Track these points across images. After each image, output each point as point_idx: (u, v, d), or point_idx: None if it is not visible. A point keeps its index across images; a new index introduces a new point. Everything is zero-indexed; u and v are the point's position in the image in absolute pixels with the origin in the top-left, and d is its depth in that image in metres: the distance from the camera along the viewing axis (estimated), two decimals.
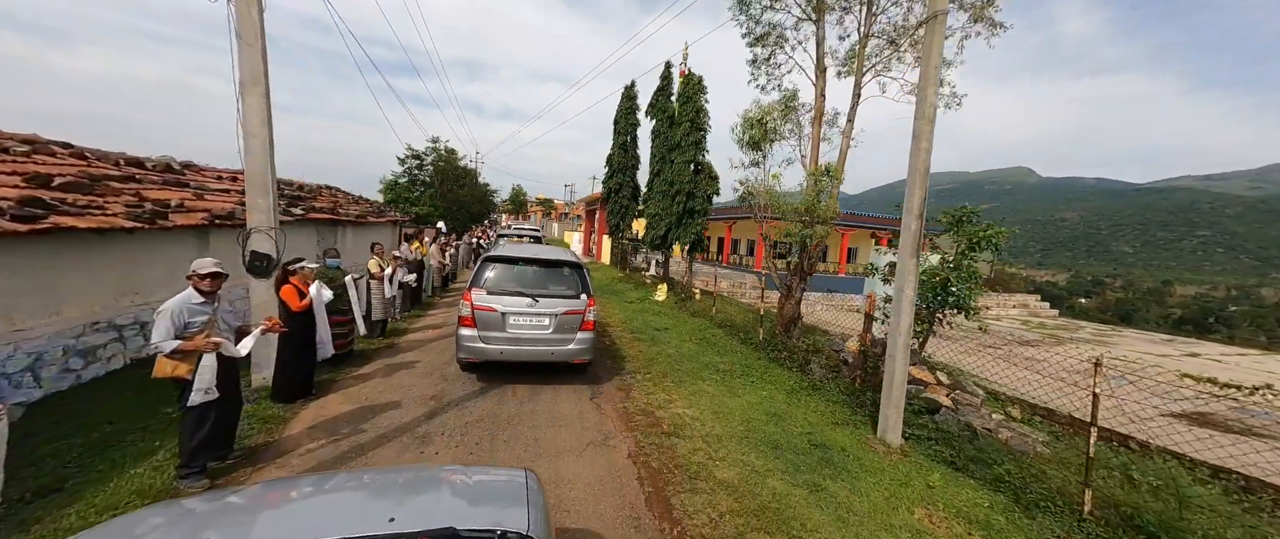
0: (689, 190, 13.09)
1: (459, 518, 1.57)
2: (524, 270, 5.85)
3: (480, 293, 5.53)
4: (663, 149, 14.94)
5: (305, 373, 4.95)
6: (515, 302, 5.55)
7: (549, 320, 5.62)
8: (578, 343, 5.74)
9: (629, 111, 19.95)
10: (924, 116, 4.65)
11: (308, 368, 4.98)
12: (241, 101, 4.71)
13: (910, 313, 4.89)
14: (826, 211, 7.74)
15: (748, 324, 10.82)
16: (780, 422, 5.39)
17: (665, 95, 15.41)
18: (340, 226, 10.55)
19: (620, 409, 5.37)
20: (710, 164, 13.20)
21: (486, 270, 5.73)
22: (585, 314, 5.74)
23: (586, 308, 5.76)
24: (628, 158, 20.19)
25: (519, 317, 5.54)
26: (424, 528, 1.46)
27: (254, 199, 4.86)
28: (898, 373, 4.88)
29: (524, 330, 5.56)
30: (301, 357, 4.85)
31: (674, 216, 13.48)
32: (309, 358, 4.94)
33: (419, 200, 29.28)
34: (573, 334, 5.72)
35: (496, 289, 5.59)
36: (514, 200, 75.80)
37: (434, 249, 10.80)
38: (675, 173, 13.52)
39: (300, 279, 4.85)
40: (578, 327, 5.73)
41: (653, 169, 15.51)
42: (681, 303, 12.90)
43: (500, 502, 1.79)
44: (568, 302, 5.73)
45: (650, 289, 15.11)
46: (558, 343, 5.67)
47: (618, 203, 20.16)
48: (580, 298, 5.80)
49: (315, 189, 11.80)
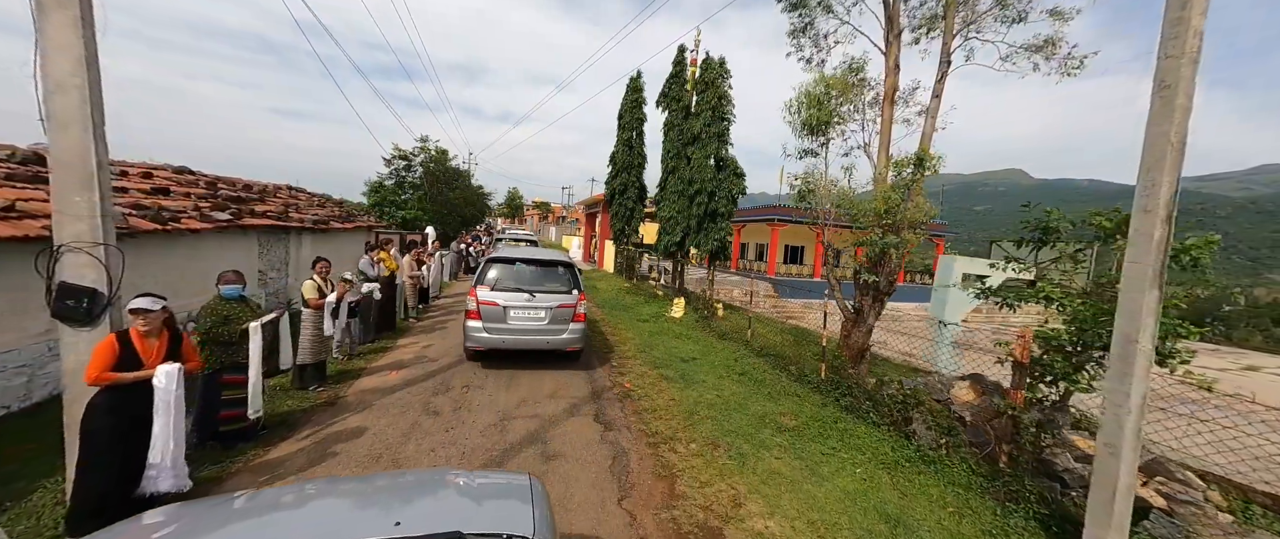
0: (711, 189, 11.23)
1: (465, 522, 1.54)
2: (522, 269, 6.53)
3: (485, 290, 6.21)
4: (677, 144, 13.08)
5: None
6: (515, 297, 6.23)
7: (545, 313, 6.31)
8: (570, 333, 6.44)
9: (635, 105, 18.10)
10: (1182, 55, 2.80)
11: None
12: (39, 31, 2.80)
13: (1145, 375, 3.02)
14: (916, 213, 5.89)
15: (786, 348, 8.95)
16: (909, 536, 3.51)
17: (679, 83, 13.56)
18: (291, 235, 8.63)
19: (669, 528, 3.45)
20: (734, 159, 11.35)
21: (490, 270, 6.42)
22: (577, 307, 6.47)
23: (577, 302, 6.49)
24: (633, 156, 18.32)
25: (519, 310, 6.22)
26: (430, 532, 1.45)
27: (65, 196, 2.93)
28: (1122, 478, 3.00)
29: (523, 322, 6.24)
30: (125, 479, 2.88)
31: (693, 219, 11.60)
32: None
33: (406, 204, 27.26)
34: (566, 325, 6.41)
35: (499, 286, 6.27)
36: (510, 204, 73.72)
37: (405, 262, 8.89)
38: (694, 170, 11.64)
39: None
40: (570, 318, 6.42)
41: (665, 167, 13.64)
42: (704, 322, 11.01)
43: (505, 506, 1.79)
44: (561, 296, 6.43)
45: (664, 303, 13.22)
46: (553, 333, 6.36)
47: (623, 205, 18.28)
48: (572, 293, 6.51)
49: (267, 189, 9.83)
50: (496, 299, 6.15)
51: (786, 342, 9.72)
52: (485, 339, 6.13)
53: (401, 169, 30.27)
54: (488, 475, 2.14)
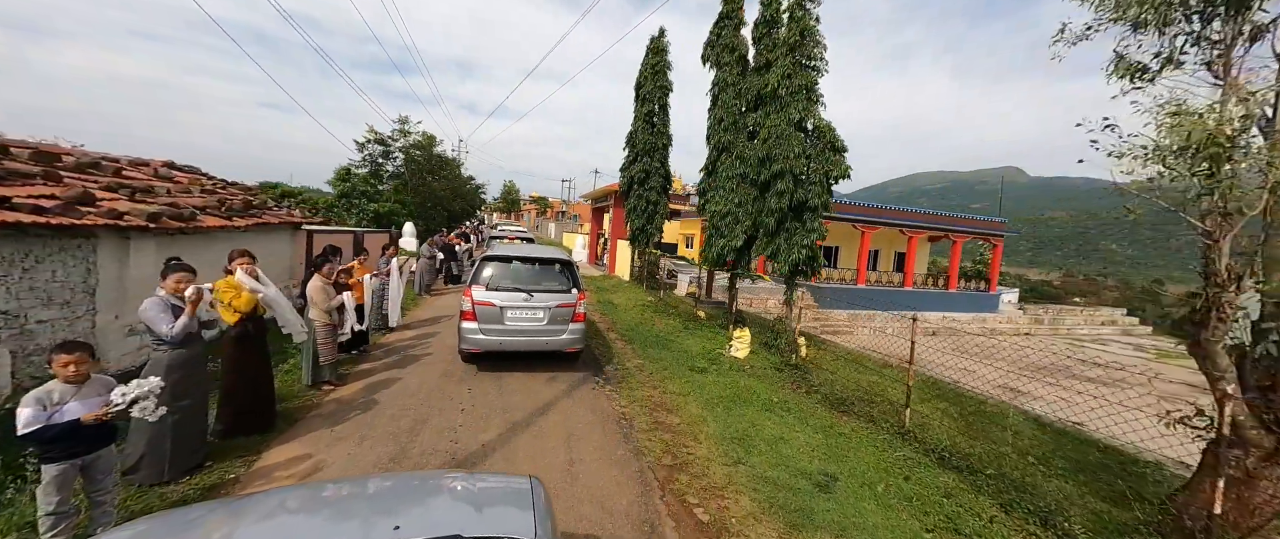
0: (798, 172, 7.54)
1: (465, 525, 1.52)
2: (519, 268, 6.24)
3: (480, 289, 5.90)
4: (734, 111, 9.38)
5: None
6: (512, 297, 5.95)
7: (543, 313, 6.03)
8: (570, 333, 6.15)
9: (657, 70, 14.38)
10: None
11: None
12: None
13: None
14: None
15: (1018, 454, 5.32)
16: None
17: (732, 26, 9.83)
18: (101, 240, 4.87)
19: None
20: (831, 126, 7.65)
21: (485, 269, 6.09)
22: (576, 307, 6.19)
23: (577, 301, 6.21)
24: (656, 135, 14.61)
25: (516, 310, 5.94)
26: (430, 536, 1.43)
27: None
28: None
29: (521, 323, 5.96)
30: None
31: (768, 216, 7.90)
32: None
33: (381, 196, 23.37)
34: (565, 326, 6.13)
35: (495, 285, 5.97)
36: (505, 198, 69.53)
37: (313, 290, 5.14)
38: (770, 143, 7.93)
39: None
40: (569, 318, 6.15)
41: (713, 145, 9.91)
42: (790, 371, 7.35)
43: (506, 509, 1.75)
44: (560, 296, 6.15)
45: (710, 330, 9.56)
46: (552, 334, 6.07)
47: (643, 198, 14.58)
48: (571, 292, 6.23)
49: (96, 163, 5.95)
50: (493, 299, 5.90)
51: (977, 426, 6.09)
52: (481, 341, 5.86)
53: (378, 155, 26.40)
54: (488, 478, 2.15)
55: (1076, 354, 16.81)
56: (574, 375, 6.36)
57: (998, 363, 11.73)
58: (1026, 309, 24.27)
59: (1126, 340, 22.86)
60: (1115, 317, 26.44)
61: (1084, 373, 12.41)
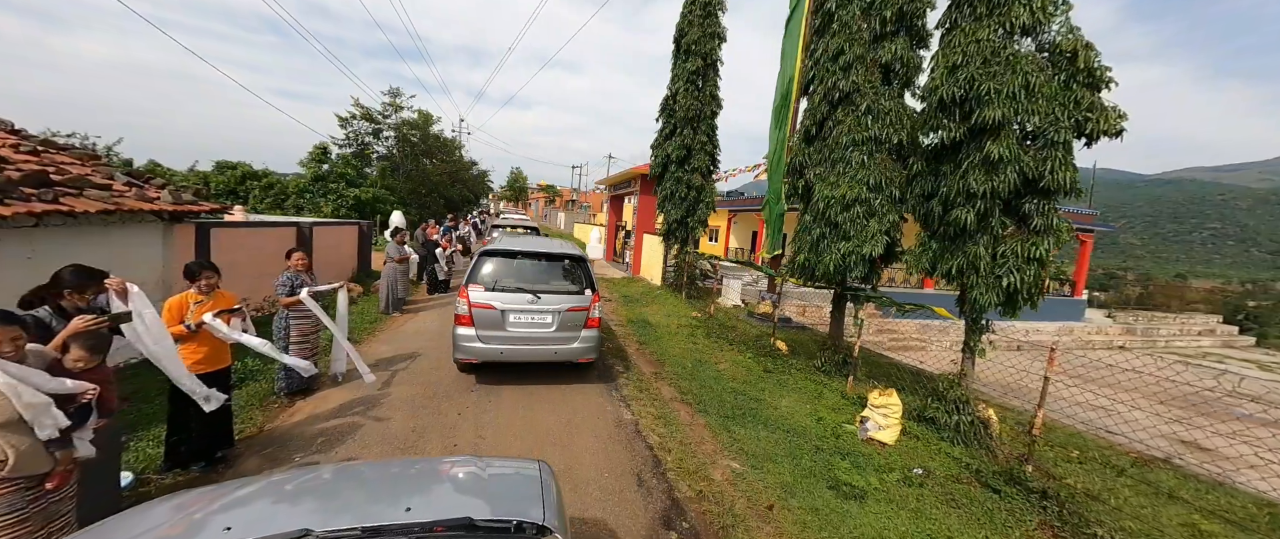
0: (1027, 124, 4.24)
1: (475, 508, 1.52)
2: (524, 265, 5.42)
3: (478, 289, 5.08)
4: (863, 37, 6.04)
5: None
6: (516, 299, 5.13)
7: (552, 318, 5.22)
8: (582, 342, 5.34)
9: (708, 12, 11.01)
10: None
11: None
12: None
13: None
14: None
15: None
16: None
17: None
18: None
19: None
20: (1085, 41, 4.32)
21: (484, 265, 5.28)
22: (590, 310, 5.37)
23: (591, 304, 5.39)
24: (702, 101, 11.29)
25: (520, 315, 5.14)
26: (440, 518, 1.43)
27: None
28: None
29: (525, 329, 5.16)
30: None
31: (960, 206, 4.62)
32: None
33: (364, 180, 20.16)
34: (577, 332, 5.32)
35: (495, 285, 5.17)
36: (512, 186, 66.08)
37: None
38: (970, 69, 4.62)
39: None
40: (582, 324, 5.34)
41: (821, 93, 6.55)
42: (1017, 489, 4.10)
43: (516, 492, 1.74)
44: (571, 297, 5.34)
45: (802, 372, 6.36)
46: (562, 342, 5.28)
47: (682, 182, 11.33)
48: (584, 293, 5.44)
49: None
50: (493, 301, 5.04)
51: None
52: (479, 349, 5.00)
53: (365, 133, 23.17)
54: (499, 462, 2.09)
55: (1207, 379, 13.46)
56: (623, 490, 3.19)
57: (1131, 393, 8.13)
58: (1116, 317, 20.85)
59: (1237, 355, 19.44)
60: (1212, 325, 22.92)
61: (1238, 407, 9.25)
